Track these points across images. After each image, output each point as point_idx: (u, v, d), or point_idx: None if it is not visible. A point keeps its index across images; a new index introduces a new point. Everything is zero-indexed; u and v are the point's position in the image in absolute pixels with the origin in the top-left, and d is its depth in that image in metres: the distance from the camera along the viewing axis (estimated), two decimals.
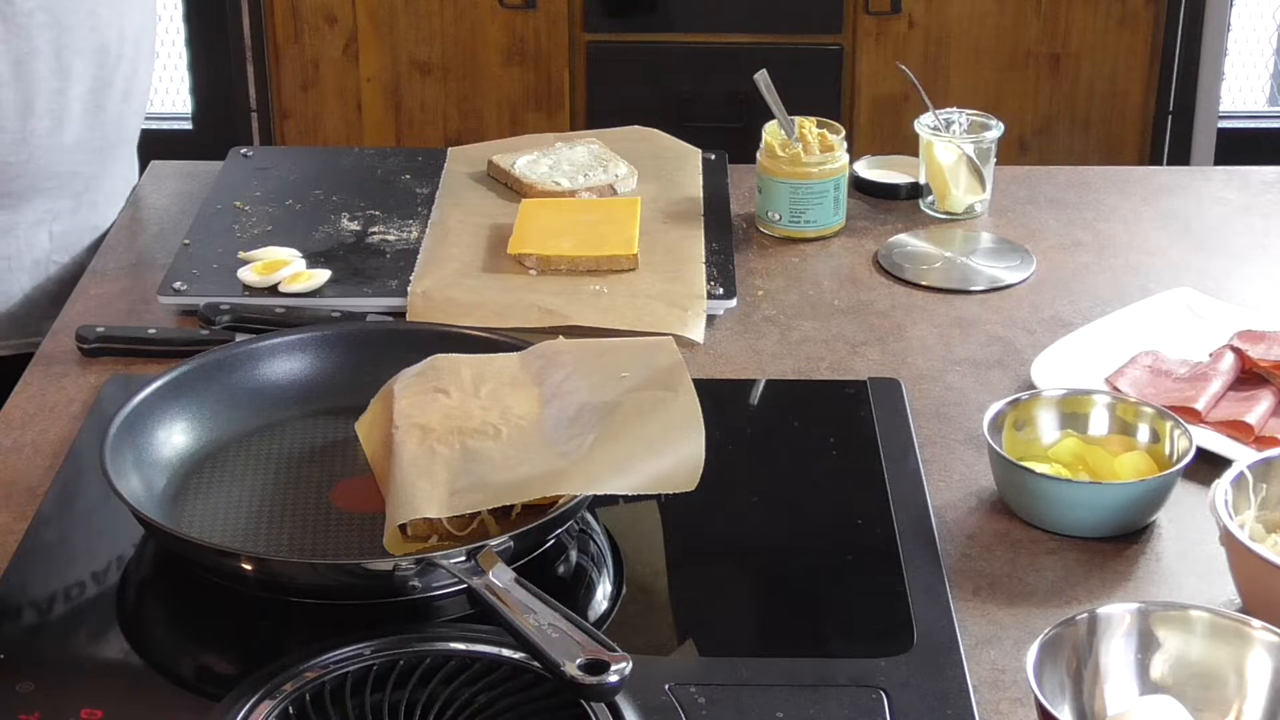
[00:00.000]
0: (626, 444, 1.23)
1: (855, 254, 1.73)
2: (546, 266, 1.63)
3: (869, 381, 1.48)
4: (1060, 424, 1.36)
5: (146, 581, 1.25)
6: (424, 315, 1.56)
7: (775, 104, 1.74)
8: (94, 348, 1.52)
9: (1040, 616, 1.20)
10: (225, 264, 1.65)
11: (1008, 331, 1.59)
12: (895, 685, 1.12)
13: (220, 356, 1.39)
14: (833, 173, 1.73)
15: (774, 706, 1.10)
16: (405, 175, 1.85)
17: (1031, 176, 1.91)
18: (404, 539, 1.20)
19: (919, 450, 1.39)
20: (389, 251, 1.69)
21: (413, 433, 1.26)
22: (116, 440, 1.26)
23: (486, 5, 3.10)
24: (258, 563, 1.19)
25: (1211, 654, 1.09)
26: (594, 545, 1.28)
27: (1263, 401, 1.42)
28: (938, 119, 1.80)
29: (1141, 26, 3.17)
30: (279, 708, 1.07)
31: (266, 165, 1.87)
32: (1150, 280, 1.67)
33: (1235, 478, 1.22)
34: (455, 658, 1.11)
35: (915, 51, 3.16)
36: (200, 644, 1.20)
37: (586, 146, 1.84)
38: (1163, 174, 2.11)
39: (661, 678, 1.12)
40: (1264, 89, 3.65)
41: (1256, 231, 1.79)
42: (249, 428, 1.37)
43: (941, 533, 1.29)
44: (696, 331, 1.55)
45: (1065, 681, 1.07)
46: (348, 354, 1.42)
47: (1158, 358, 1.50)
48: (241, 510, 1.28)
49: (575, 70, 3.18)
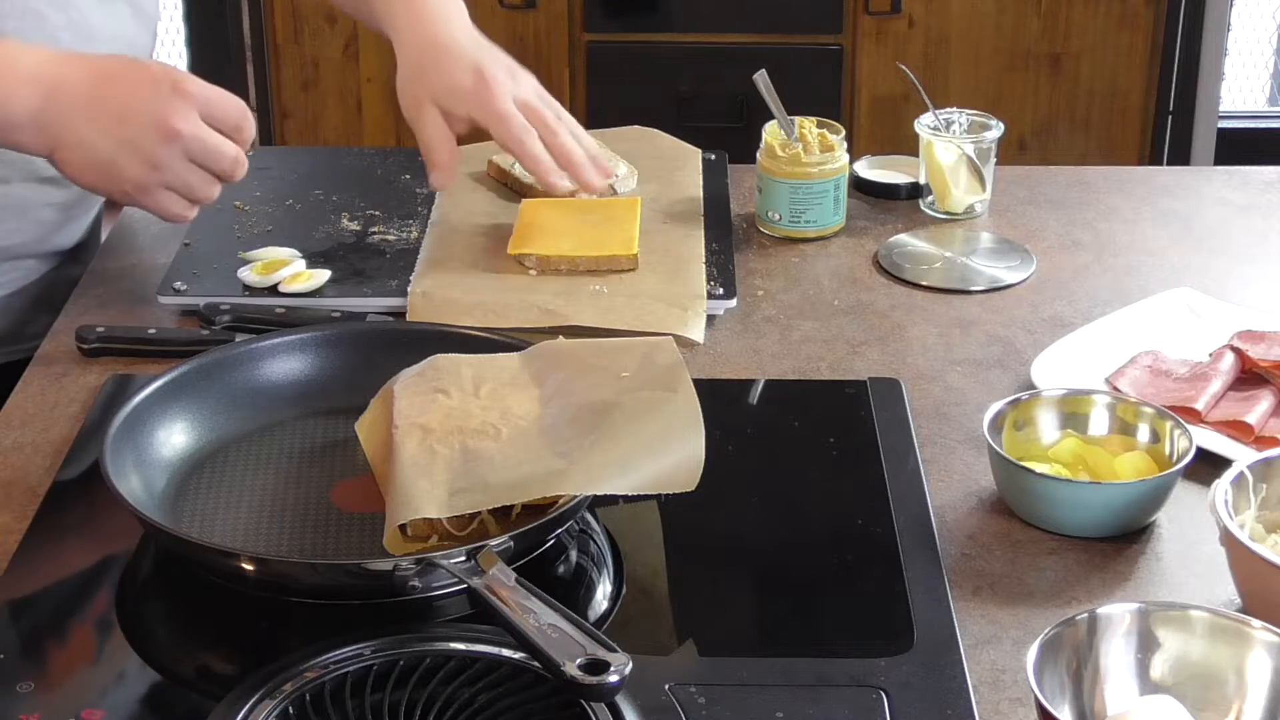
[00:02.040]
0: (626, 444, 1.23)
1: (855, 254, 1.73)
2: (546, 267, 1.63)
3: (869, 381, 1.48)
4: (1060, 424, 1.36)
5: (146, 581, 1.25)
6: (424, 315, 1.56)
7: (775, 104, 1.74)
8: (94, 348, 1.52)
9: (1040, 616, 1.20)
10: (225, 264, 1.65)
11: (1008, 331, 1.59)
12: (895, 685, 1.12)
13: (220, 356, 1.39)
14: (833, 173, 1.73)
15: (774, 706, 1.10)
16: (405, 175, 1.85)
17: (1031, 176, 1.91)
18: (404, 539, 1.20)
19: (919, 450, 1.39)
20: (389, 251, 1.69)
21: (413, 433, 1.26)
22: (116, 440, 1.26)
23: (486, 5, 3.10)
24: (258, 563, 1.19)
25: (1211, 654, 1.09)
26: (594, 545, 1.28)
27: (1263, 401, 1.43)
28: (938, 119, 1.80)
29: (1141, 26, 3.17)
30: (279, 708, 1.07)
31: (266, 165, 1.86)
32: (1150, 280, 1.67)
33: (1235, 478, 1.22)
34: (455, 658, 1.11)
35: (915, 51, 3.16)
36: (200, 644, 1.20)
37: None
38: (1163, 174, 2.12)
39: (661, 678, 1.12)
40: (1264, 89, 3.66)
41: (1256, 231, 1.79)
42: (249, 428, 1.37)
43: (941, 533, 1.29)
44: (696, 331, 1.55)
45: (1065, 681, 1.07)
46: (348, 354, 1.42)
47: (1158, 358, 1.50)
48: (241, 510, 1.28)
49: (575, 70, 3.18)
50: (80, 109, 1.43)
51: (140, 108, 1.44)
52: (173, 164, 1.45)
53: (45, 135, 1.44)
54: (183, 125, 1.44)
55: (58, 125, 1.43)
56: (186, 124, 1.44)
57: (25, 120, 1.43)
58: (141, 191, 1.46)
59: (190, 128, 1.44)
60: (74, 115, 1.43)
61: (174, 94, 1.44)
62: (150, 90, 1.44)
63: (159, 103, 1.44)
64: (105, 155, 1.44)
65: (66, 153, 1.44)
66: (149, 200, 1.48)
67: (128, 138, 1.43)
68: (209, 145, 1.46)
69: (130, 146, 1.44)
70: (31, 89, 1.43)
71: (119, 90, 1.44)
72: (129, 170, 1.45)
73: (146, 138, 1.44)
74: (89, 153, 1.44)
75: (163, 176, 1.45)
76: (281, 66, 3.18)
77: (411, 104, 1.65)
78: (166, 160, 1.44)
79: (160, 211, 1.49)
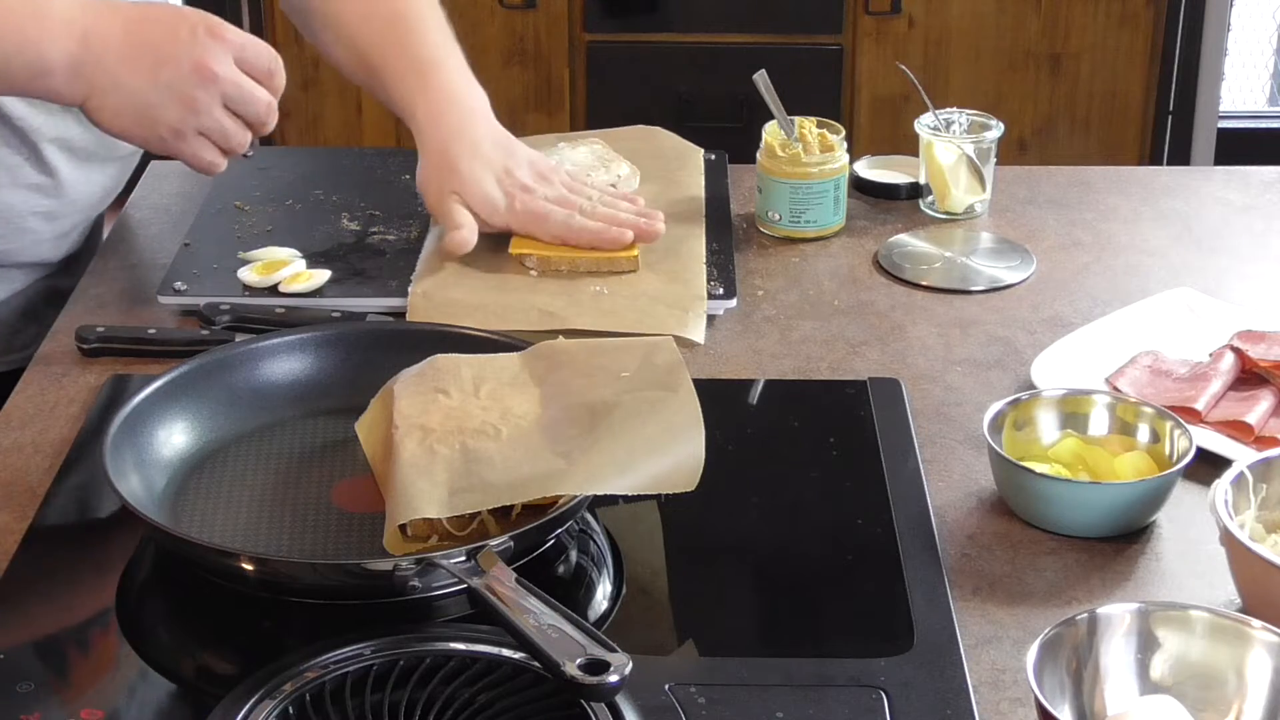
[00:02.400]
0: (626, 444, 1.23)
1: (855, 254, 1.73)
2: (547, 267, 1.63)
3: (869, 381, 1.48)
4: (1060, 424, 1.36)
5: (146, 581, 1.24)
6: (424, 315, 1.56)
7: (774, 104, 1.74)
8: (94, 348, 1.52)
9: (1040, 616, 1.20)
10: (225, 264, 1.65)
11: (1008, 331, 1.59)
12: (895, 685, 1.12)
13: (220, 356, 1.39)
14: (833, 173, 1.73)
15: (774, 706, 1.10)
16: (405, 175, 1.84)
17: (1031, 176, 1.91)
18: (404, 539, 1.20)
19: (919, 450, 1.39)
20: (389, 251, 1.69)
21: (413, 433, 1.26)
22: (116, 440, 1.26)
23: (486, 5, 3.10)
24: (258, 563, 1.19)
25: (1211, 654, 1.09)
26: (594, 545, 1.28)
27: (1263, 401, 1.43)
28: (938, 119, 1.80)
29: (1141, 26, 3.17)
30: (279, 708, 1.07)
31: (266, 165, 1.87)
32: (1150, 280, 1.67)
33: (1235, 478, 1.22)
34: (455, 658, 1.11)
35: (915, 51, 3.17)
36: (200, 644, 1.20)
37: (589, 146, 1.84)
38: (1163, 174, 2.12)
39: (661, 678, 1.12)
40: (1264, 89, 3.66)
41: (1256, 231, 1.79)
42: (249, 428, 1.37)
43: (941, 533, 1.29)
44: (697, 332, 1.55)
45: (1065, 681, 1.07)
46: (348, 354, 1.42)
47: (1158, 358, 1.50)
48: (241, 510, 1.28)
49: (575, 70, 3.18)
50: (116, 54, 1.42)
51: (177, 51, 1.43)
52: (210, 108, 1.44)
53: (79, 81, 1.42)
54: (220, 69, 1.43)
55: (93, 70, 1.41)
56: (223, 67, 1.44)
57: (60, 66, 1.41)
58: (178, 137, 1.46)
59: (227, 71, 1.44)
60: (110, 60, 1.41)
61: (210, 37, 1.44)
62: (187, 34, 1.43)
63: (195, 46, 1.43)
64: (142, 100, 1.43)
65: (101, 99, 1.43)
66: (184, 146, 1.47)
67: (165, 82, 1.42)
68: (245, 90, 1.46)
69: (168, 91, 1.43)
70: (66, 34, 1.41)
71: (155, 34, 1.43)
72: (166, 114, 1.44)
73: (184, 81, 1.43)
74: (125, 98, 1.43)
75: (199, 121, 1.45)
76: None
77: (435, 198, 1.64)
78: (204, 104, 1.44)
79: (193, 159, 1.48)
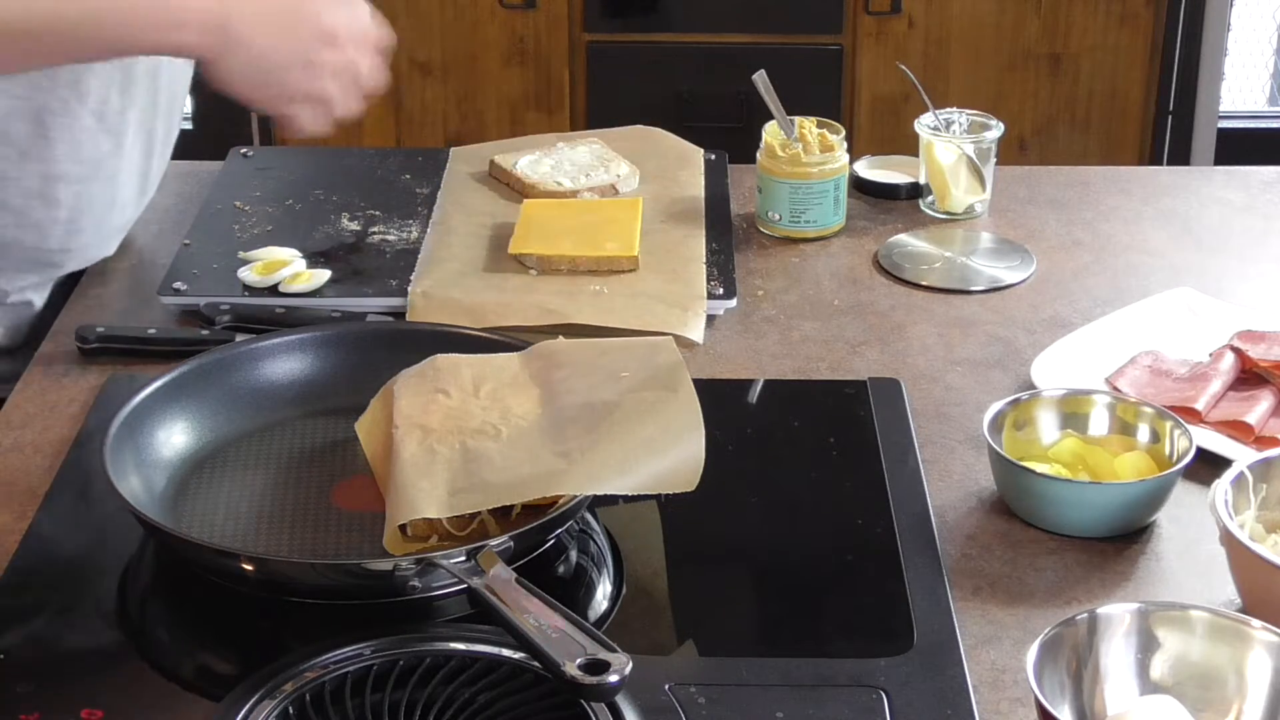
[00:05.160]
0: (626, 444, 1.23)
1: (855, 254, 1.73)
2: (547, 267, 1.63)
3: (869, 381, 1.48)
4: (1060, 424, 1.36)
5: (146, 581, 1.25)
6: (424, 315, 1.56)
7: (774, 104, 1.74)
8: (94, 348, 1.52)
9: (1040, 616, 1.20)
10: (225, 264, 1.65)
11: (1008, 331, 1.59)
12: (895, 685, 1.12)
13: (220, 356, 1.39)
14: (833, 173, 1.73)
15: (774, 706, 1.10)
16: (405, 175, 1.85)
17: (1031, 176, 1.91)
18: (404, 539, 1.20)
19: (919, 450, 1.39)
20: (389, 251, 1.69)
21: (413, 433, 1.26)
22: (116, 440, 1.27)
23: (486, 5, 3.10)
24: (258, 563, 1.19)
25: (1211, 654, 1.09)
26: (594, 545, 1.28)
27: (1263, 401, 1.43)
28: (938, 119, 1.80)
29: (1141, 26, 3.17)
30: (279, 708, 1.07)
31: (266, 165, 1.87)
32: (1150, 280, 1.67)
33: (1235, 478, 1.22)
34: (455, 658, 1.11)
35: (915, 51, 3.16)
36: (200, 644, 1.20)
37: (588, 146, 1.84)
38: (1163, 174, 2.12)
39: (661, 678, 1.12)
40: (1264, 89, 3.66)
41: (1256, 231, 1.79)
42: (249, 428, 1.37)
43: (941, 533, 1.29)
44: (696, 331, 1.55)
45: (1065, 681, 1.07)
46: (348, 354, 1.42)
47: (1158, 358, 1.50)
48: (241, 510, 1.28)
49: (575, 70, 3.18)
50: (251, 12, 1.42)
51: (306, 15, 1.45)
52: (333, 73, 1.46)
53: (213, 36, 1.42)
54: (344, 33, 1.46)
55: (235, 26, 1.42)
56: (347, 32, 1.46)
57: (195, 18, 1.41)
58: (293, 100, 1.47)
59: (351, 35, 1.46)
60: (245, 18, 1.42)
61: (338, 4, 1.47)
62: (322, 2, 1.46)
63: (325, 11, 1.45)
64: (268, 61, 1.44)
65: (232, 57, 1.43)
66: (300, 110, 1.48)
67: (292, 45, 1.44)
68: (363, 57, 1.48)
69: (292, 54, 1.44)
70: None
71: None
72: (289, 76, 1.45)
73: (310, 46, 1.45)
74: (253, 58, 1.43)
75: (323, 86, 1.46)
76: None
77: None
78: (327, 69, 1.46)
79: (306, 122, 1.49)
